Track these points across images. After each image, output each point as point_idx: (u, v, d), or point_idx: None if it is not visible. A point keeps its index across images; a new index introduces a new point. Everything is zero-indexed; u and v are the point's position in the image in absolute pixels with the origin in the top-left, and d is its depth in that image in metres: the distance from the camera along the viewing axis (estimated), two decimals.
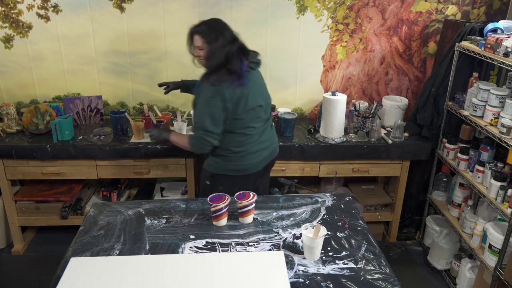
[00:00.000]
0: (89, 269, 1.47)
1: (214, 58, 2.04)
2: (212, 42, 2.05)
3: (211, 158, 2.24)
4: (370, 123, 2.86)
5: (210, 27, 2.08)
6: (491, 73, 2.76)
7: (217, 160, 2.22)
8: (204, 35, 2.07)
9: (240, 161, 2.20)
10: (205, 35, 2.06)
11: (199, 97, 2.09)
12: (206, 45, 2.06)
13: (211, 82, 2.03)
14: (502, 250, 2.22)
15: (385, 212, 3.13)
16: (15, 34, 2.91)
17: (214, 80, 2.03)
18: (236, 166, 2.21)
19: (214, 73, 2.04)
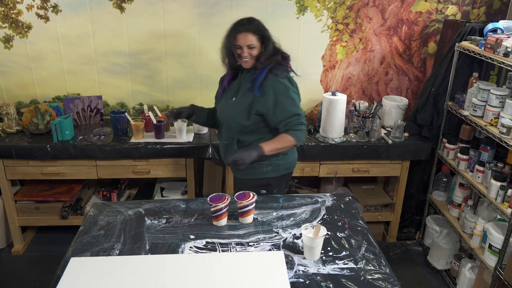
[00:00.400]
0: (89, 269, 1.47)
1: (272, 54, 2.01)
2: (268, 38, 2.00)
3: (267, 163, 2.10)
4: (370, 123, 2.86)
5: (259, 24, 2.01)
6: (491, 73, 2.76)
7: (277, 162, 2.12)
8: (258, 32, 1.99)
9: (293, 155, 2.21)
10: (260, 33, 1.99)
11: (279, 93, 1.99)
12: (259, 43, 1.99)
13: (281, 76, 2.01)
14: (502, 250, 2.22)
15: (385, 212, 3.13)
16: (15, 34, 2.91)
17: (281, 72, 2.02)
18: (292, 162, 2.21)
19: (274, 67, 2.01)
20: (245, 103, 2.03)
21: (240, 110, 2.04)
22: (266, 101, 1.99)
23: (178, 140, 2.77)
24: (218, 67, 3.03)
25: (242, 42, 1.97)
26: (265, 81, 1.99)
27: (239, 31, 1.98)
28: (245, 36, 1.97)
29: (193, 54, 3.02)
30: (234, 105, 2.07)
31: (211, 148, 2.75)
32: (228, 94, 2.12)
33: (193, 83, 3.11)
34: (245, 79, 2.07)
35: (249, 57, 2.00)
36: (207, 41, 2.99)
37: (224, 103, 2.13)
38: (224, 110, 2.12)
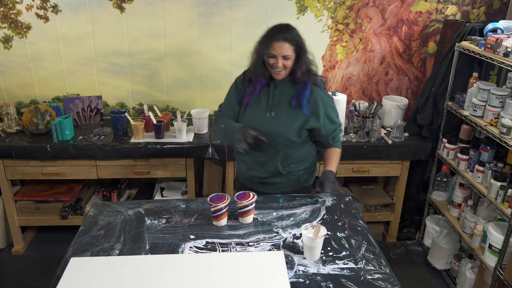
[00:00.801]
0: (89, 269, 1.47)
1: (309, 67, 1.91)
2: (304, 50, 1.87)
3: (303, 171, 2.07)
4: (370, 123, 2.86)
5: (297, 33, 1.87)
6: (491, 73, 2.76)
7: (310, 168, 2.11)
8: (295, 42, 1.84)
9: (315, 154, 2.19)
10: (296, 43, 1.85)
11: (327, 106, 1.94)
12: (294, 54, 1.85)
13: (323, 86, 1.97)
14: (502, 250, 2.22)
15: (385, 212, 3.13)
16: (14, 35, 2.91)
17: (322, 83, 1.97)
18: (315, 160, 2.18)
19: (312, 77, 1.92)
20: (293, 120, 1.92)
21: (287, 126, 1.93)
22: (318, 116, 1.93)
23: (178, 140, 2.77)
24: (218, 67, 3.07)
25: (278, 51, 1.83)
26: (312, 96, 1.91)
27: (275, 39, 1.83)
28: (282, 45, 1.82)
29: (193, 54, 3.02)
30: (277, 120, 1.93)
31: (211, 148, 2.75)
32: (262, 106, 1.95)
33: (193, 83, 3.11)
34: (282, 92, 1.93)
35: (283, 68, 1.86)
36: (207, 41, 2.99)
37: (260, 117, 1.95)
38: (263, 125, 1.93)
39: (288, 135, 1.93)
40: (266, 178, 2.04)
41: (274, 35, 1.84)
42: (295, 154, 2.00)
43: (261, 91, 1.95)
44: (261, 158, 1.99)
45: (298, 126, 1.93)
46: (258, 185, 2.08)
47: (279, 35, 1.83)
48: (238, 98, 2.03)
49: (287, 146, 1.96)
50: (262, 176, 2.03)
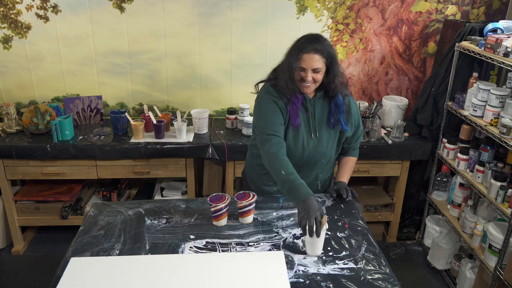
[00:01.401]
0: (89, 269, 1.47)
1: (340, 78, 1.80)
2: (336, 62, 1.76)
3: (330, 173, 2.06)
4: (370, 123, 2.86)
5: (328, 44, 1.75)
6: (491, 73, 2.76)
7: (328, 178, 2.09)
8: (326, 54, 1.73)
9: None
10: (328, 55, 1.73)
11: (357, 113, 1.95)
12: (325, 66, 1.74)
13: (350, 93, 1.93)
14: (502, 250, 2.22)
15: (385, 212, 3.13)
16: (14, 35, 2.91)
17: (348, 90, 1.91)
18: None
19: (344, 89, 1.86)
20: (334, 138, 1.90)
21: (331, 146, 1.90)
22: (352, 125, 1.93)
23: (178, 140, 2.77)
24: (218, 67, 3.07)
25: (308, 64, 1.71)
26: (345, 107, 1.87)
27: (306, 51, 1.71)
28: (312, 58, 1.70)
29: (193, 54, 3.02)
30: (321, 140, 1.87)
31: (211, 148, 2.75)
32: (305, 126, 1.84)
33: (193, 83, 3.11)
34: (320, 109, 1.85)
35: (312, 82, 1.75)
36: (207, 41, 2.99)
37: (307, 138, 1.85)
38: (309, 147, 1.85)
39: (331, 154, 1.93)
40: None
41: (304, 47, 1.72)
42: (329, 165, 2.00)
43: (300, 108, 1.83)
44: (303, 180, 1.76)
45: (338, 143, 1.94)
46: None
47: (309, 46, 1.71)
48: (281, 119, 1.81)
49: (327, 163, 1.97)
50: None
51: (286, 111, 1.81)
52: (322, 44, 1.73)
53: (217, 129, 2.96)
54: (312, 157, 1.88)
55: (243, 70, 3.07)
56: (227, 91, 3.12)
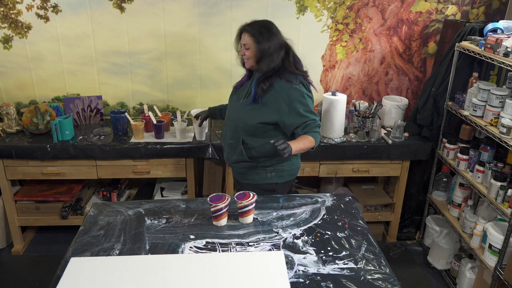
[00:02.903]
0: (89, 269, 1.47)
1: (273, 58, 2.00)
2: (261, 41, 1.99)
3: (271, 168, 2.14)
4: (370, 123, 2.86)
5: (261, 25, 2.04)
6: (491, 73, 2.76)
7: (281, 168, 2.15)
8: (254, 33, 2.01)
9: (297, 161, 2.26)
10: (254, 34, 2.01)
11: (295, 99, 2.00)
12: (254, 44, 2.01)
13: (295, 82, 2.01)
14: (502, 250, 2.22)
15: (385, 212, 3.13)
16: (14, 35, 2.91)
17: (295, 79, 2.03)
18: (296, 168, 2.24)
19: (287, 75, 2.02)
20: (254, 110, 2.05)
21: (247, 114, 2.07)
22: (279, 110, 2.01)
23: (178, 140, 2.77)
24: (218, 67, 3.07)
25: (242, 41, 2.05)
26: (273, 89, 2.02)
27: (241, 31, 2.06)
28: (243, 36, 2.04)
29: (193, 54, 3.02)
30: (243, 107, 2.09)
31: (211, 148, 2.75)
32: (240, 94, 2.16)
33: (193, 83, 3.11)
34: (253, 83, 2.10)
35: (245, 57, 2.05)
36: (207, 41, 2.99)
37: (234, 102, 2.18)
38: (232, 109, 2.18)
39: (249, 121, 2.05)
40: (237, 163, 2.16)
41: (240, 28, 2.07)
42: (258, 145, 2.08)
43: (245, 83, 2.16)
44: (230, 140, 2.15)
45: (257, 118, 2.03)
46: (235, 172, 2.26)
47: (242, 28, 2.05)
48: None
49: (247, 134, 2.08)
50: (234, 160, 2.15)
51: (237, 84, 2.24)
52: (253, 25, 2.03)
53: (217, 129, 2.96)
54: (233, 117, 2.14)
55: (243, 70, 3.06)
56: (227, 91, 3.10)
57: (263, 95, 2.02)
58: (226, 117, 2.22)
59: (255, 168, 2.15)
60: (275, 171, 2.15)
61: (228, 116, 2.20)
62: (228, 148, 2.19)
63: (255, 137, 2.08)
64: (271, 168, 2.14)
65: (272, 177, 2.16)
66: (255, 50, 2.01)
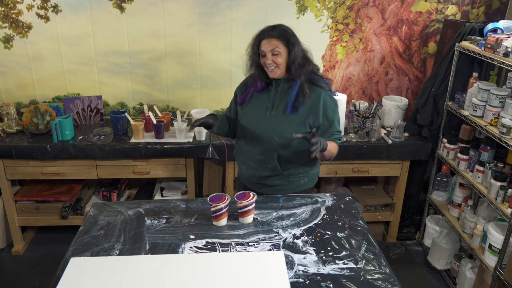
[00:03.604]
0: (89, 269, 1.47)
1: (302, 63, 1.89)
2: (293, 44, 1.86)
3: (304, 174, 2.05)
4: (370, 123, 2.86)
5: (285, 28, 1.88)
6: (491, 73, 2.76)
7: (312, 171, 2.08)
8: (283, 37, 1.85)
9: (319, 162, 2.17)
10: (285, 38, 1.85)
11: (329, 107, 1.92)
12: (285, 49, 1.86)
13: (325, 87, 1.93)
14: (502, 250, 2.22)
15: (385, 212, 3.13)
16: (15, 34, 2.91)
17: (323, 83, 1.93)
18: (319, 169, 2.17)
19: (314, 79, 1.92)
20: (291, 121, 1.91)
21: (284, 126, 1.92)
22: (317, 115, 1.91)
23: (178, 140, 2.77)
24: (218, 67, 3.07)
25: (266, 48, 1.85)
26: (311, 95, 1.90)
27: (262, 38, 1.86)
28: (269, 41, 1.84)
29: (193, 54, 3.02)
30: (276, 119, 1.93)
31: (211, 148, 2.75)
32: (263, 105, 1.96)
33: (193, 83, 3.11)
34: (282, 92, 1.93)
35: (274, 65, 1.87)
36: (207, 41, 2.99)
37: (259, 115, 1.96)
38: (260, 123, 1.95)
39: (283, 134, 1.91)
40: (266, 178, 2.03)
41: (260, 34, 1.88)
42: (294, 156, 1.97)
43: (264, 91, 1.98)
44: (260, 156, 1.99)
45: (295, 129, 1.90)
46: (258, 186, 2.06)
47: (265, 34, 1.86)
48: (233, 102, 2.12)
49: (284, 147, 1.94)
50: (262, 175, 2.02)
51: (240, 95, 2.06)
52: (277, 29, 1.86)
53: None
54: (264, 132, 1.95)
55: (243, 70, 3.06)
56: (227, 91, 3.12)
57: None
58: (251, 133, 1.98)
59: (287, 178, 2.02)
60: (307, 176, 2.06)
61: (254, 132, 1.97)
62: (256, 164, 2.01)
63: (290, 149, 1.95)
64: (304, 175, 2.05)
65: (305, 183, 2.06)
66: (286, 55, 1.86)
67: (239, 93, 2.07)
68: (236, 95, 2.10)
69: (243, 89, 2.06)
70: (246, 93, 2.02)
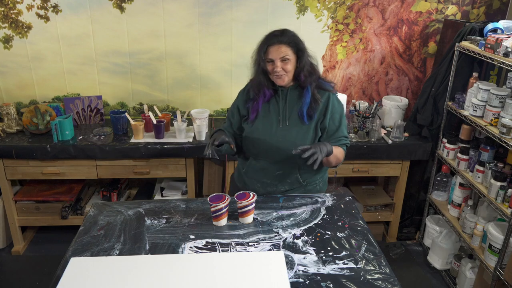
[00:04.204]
0: (89, 269, 1.47)
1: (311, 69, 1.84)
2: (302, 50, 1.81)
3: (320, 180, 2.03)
4: (370, 123, 2.86)
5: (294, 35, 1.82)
6: (491, 73, 2.76)
7: (325, 175, 2.07)
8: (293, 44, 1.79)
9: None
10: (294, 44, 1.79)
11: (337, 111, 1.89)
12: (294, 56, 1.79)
13: (332, 90, 1.89)
14: (502, 250, 2.22)
15: (385, 212, 3.13)
16: (15, 34, 2.91)
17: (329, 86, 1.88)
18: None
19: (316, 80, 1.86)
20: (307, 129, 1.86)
21: (301, 136, 1.86)
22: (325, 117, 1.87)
23: (178, 140, 2.77)
24: (218, 67, 3.07)
25: (275, 55, 1.76)
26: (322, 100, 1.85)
27: (270, 44, 1.77)
28: (278, 48, 1.76)
29: (193, 54, 3.02)
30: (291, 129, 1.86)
31: None
32: (273, 116, 1.87)
33: (193, 83, 3.11)
34: (292, 100, 1.86)
35: (283, 72, 1.78)
36: (207, 41, 2.99)
37: (271, 128, 1.87)
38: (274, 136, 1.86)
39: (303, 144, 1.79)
40: (286, 192, 1.98)
41: (268, 40, 1.79)
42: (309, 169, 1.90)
43: (270, 101, 1.88)
44: (278, 171, 1.92)
45: (311, 136, 1.87)
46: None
47: (273, 39, 1.78)
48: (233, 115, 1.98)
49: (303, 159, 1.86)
50: (282, 190, 1.97)
51: (243, 108, 1.93)
52: (286, 35, 1.79)
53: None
54: (282, 145, 1.86)
55: (243, 70, 3.03)
56: (227, 91, 3.12)
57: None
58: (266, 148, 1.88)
59: (305, 187, 1.98)
60: (322, 181, 2.06)
61: (271, 146, 1.87)
62: (275, 181, 1.95)
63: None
64: (320, 180, 2.03)
65: (320, 188, 2.05)
66: (295, 62, 1.80)
67: (243, 107, 1.93)
68: (239, 109, 1.95)
69: (246, 103, 1.92)
70: (254, 106, 1.88)
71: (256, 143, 1.90)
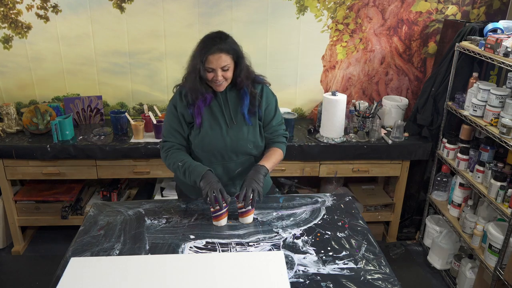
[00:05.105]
0: (89, 269, 1.47)
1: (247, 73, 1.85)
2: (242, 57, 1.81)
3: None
4: (370, 123, 2.86)
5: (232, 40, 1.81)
6: (491, 73, 2.76)
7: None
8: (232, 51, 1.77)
9: None
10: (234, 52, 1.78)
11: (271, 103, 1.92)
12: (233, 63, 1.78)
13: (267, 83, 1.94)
14: (502, 250, 2.22)
15: (385, 212, 3.13)
16: (14, 35, 2.91)
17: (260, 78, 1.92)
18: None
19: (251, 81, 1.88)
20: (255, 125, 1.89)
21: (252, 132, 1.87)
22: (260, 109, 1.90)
23: None
24: None
25: (215, 64, 1.72)
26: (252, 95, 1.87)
27: (211, 52, 1.72)
28: (218, 57, 1.72)
29: None
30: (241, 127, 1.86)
31: None
32: (219, 120, 1.85)
33: None
34: (233, 100, 1.87)
35: (224, 80, 1.77)
36: None
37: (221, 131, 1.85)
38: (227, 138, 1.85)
39: (257, 140, 1.89)
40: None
41: (208, 48, 1.73)
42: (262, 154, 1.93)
43: (211, 104, 1.85)
44: (238, 169, 1.91)
45: (258, 130, 1.90)
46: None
47: (213, 47, 1.72)
48: (181, 125, 1.88)
49: (257, 148, 1.91)
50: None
51: (188, 114, 1.85)
52: (225, 42, 1.75)
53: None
54: (237, 144, 1.86)
55: None
56: None
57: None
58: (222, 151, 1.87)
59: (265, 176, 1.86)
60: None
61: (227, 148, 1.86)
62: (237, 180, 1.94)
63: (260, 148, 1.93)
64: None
65: (268, 178, 2.07)
66: (233, 68, 1.79)
67: (187, 113, 1.85)
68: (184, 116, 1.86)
69: (186, 109, 1.85)
70: (196, 110, 1.84)
71: (209, 147, 1.86)
